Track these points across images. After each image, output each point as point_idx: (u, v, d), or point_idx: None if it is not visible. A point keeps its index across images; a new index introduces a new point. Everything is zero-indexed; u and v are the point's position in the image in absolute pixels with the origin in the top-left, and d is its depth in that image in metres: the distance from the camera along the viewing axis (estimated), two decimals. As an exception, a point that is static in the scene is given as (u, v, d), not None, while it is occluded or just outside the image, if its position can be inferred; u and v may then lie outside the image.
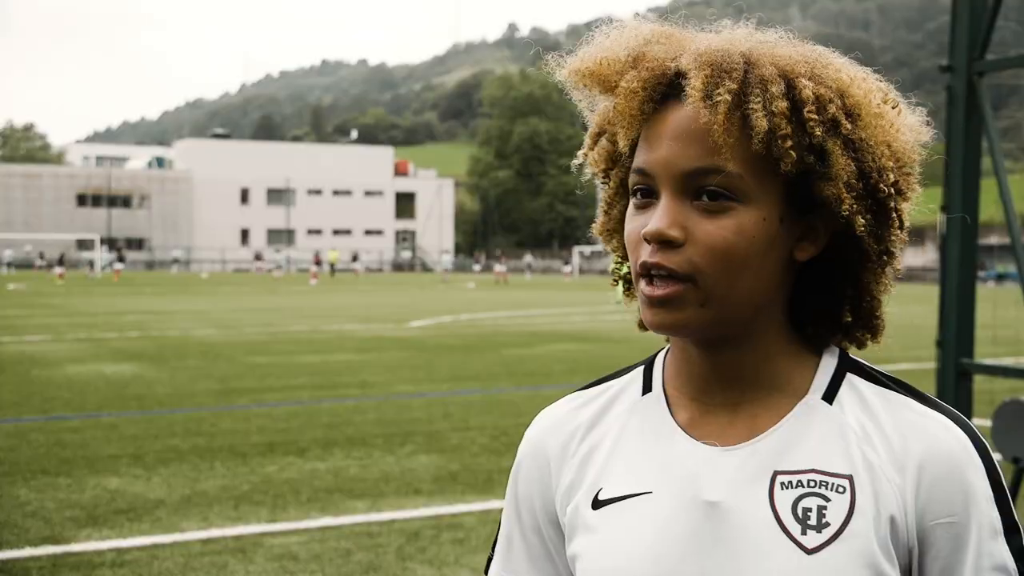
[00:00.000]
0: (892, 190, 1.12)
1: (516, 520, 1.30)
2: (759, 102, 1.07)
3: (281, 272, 65.70)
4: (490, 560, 1.34)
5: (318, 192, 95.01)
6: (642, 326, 1.22)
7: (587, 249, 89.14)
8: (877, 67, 1.17)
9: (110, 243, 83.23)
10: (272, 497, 7.26)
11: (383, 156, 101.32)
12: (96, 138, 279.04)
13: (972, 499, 1.10)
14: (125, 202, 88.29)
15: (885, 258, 1.16)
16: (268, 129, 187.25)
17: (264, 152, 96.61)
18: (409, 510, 6.95)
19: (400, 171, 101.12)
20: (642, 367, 1.28)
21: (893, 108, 1.14)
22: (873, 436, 1.13)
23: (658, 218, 1.09)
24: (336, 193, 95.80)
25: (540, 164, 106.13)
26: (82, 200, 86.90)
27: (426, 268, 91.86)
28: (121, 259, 59.08)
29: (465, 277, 59.10)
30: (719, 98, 1.06)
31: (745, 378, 1.17)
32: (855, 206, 1.10)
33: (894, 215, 1.14)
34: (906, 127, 1.14)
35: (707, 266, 1.09)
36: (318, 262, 60.13)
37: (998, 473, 1.12)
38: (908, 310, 32.93)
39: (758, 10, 1.21)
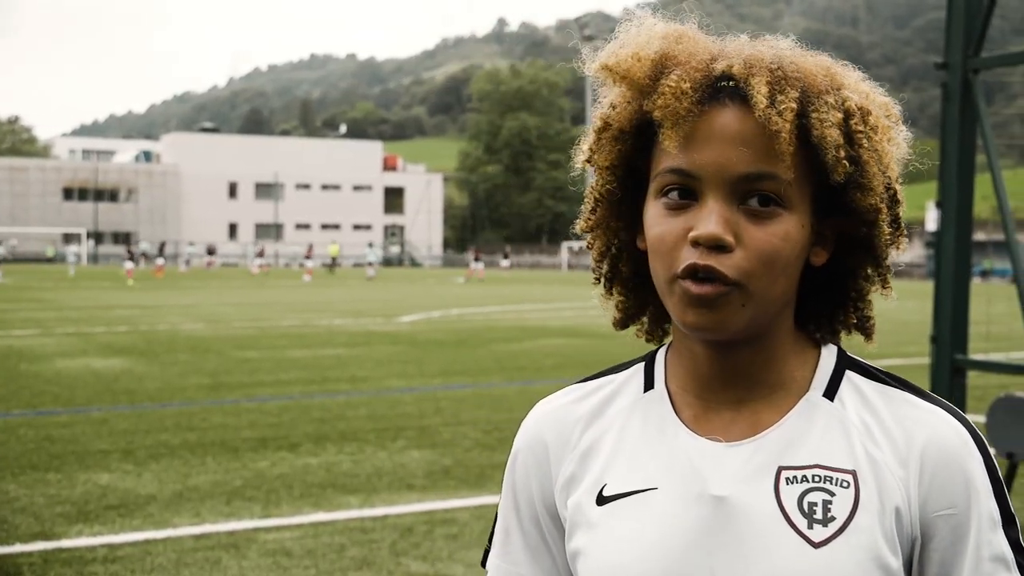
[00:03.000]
0: (901, 200, 1.18)
1: (514, 511, 1.30)
2: (824, 112, 1.09)
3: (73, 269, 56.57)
4: (486, 553, 1.34)
5: (306, 187, 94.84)
6: (618, 325, 1.26)
7: (576, 245, 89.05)
8: (865, 63, 1.20)
9: (108, 237, 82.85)
10: (265, 492, 7.24)
11: (372, 150, 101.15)
12: (83, 131, 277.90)
13: (972, 491, 1.12)
14: (112, 196, 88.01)
15: (888, 263, 1.20)
16: (256, 123, 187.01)
17: (252, 146, 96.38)
18: (402, 505, 6.95)
19: (389, 166, 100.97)
20: (642, 364, 1.28)
21: (895, 122, 1.18)
22: (875, 431, 1.15)
23: (711, 222, 1.09)
24: (325, 187, 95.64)
25: (529, 159, 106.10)
26: (68, 194, 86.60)
27: (415, 263, 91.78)
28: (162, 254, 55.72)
29: (433, 272, 59.00)
30: (784, 105, 1.08)
31: (751, 376, 1.18)
32: (886, 216, 1.15)
33: (902, 224, 1.19)
34: (903, 140, 1.18)
35: (756, 271, 1.10)
36: (309, 256, 57.24)
37: (995, 466, 1.15)
38: (898, 305, 33.03)
39: (748, 5, 1.21)
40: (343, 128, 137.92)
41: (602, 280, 1.28)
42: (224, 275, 57.50)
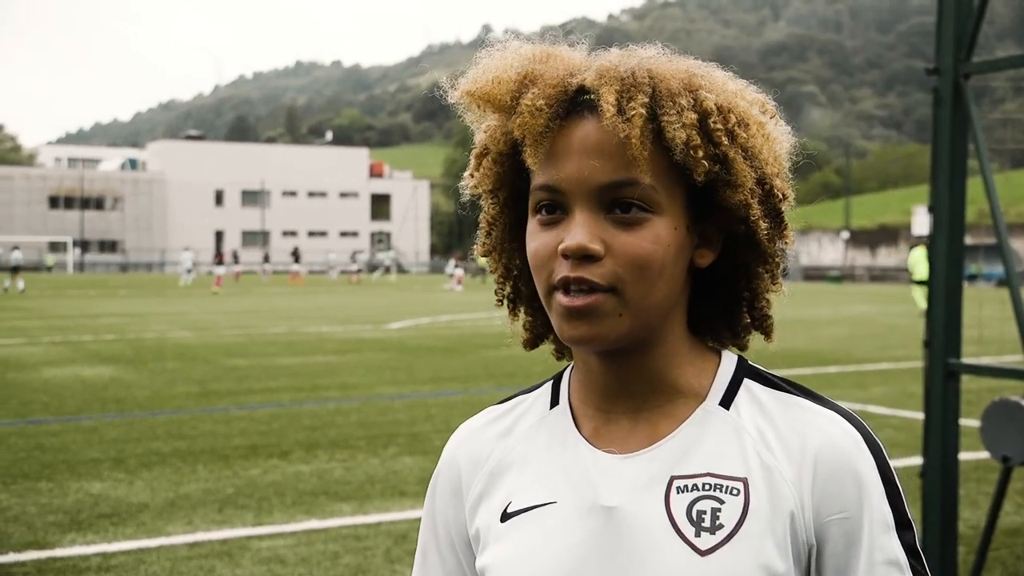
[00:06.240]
0: (781, 195, 1.17)
1: (432, 533, 1.32)
2: (674, 114, 1.10)
3: (190, 277, 54.17)
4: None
5: (293, 194, 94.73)
6: (528, 345, 1.30)
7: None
8: (850, 68, 1.19)
9: (94, 245, 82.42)
10: (257, 500, 7.22)
11: (358, 157, 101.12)
12: (68, 140, 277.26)
13: (864, 494, 1.12)
14: (98, 204, 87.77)
15: (776, 259, 1.20)
16: (242, 130, 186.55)
17: (238, 153, 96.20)
18: (395, 512, 6.94)
19: (375, 172, 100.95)
20: (551, 382, 1.31)
21: (771, 118, 1.18)
22: (769, 438, 1.15)
23: (578, 233, 1.10)
24: (311, 195, 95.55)
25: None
26: (54, 202, 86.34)
27: (402, 270, 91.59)
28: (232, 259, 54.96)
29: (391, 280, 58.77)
30: (633, 112, 1.08)
31: (646, 385, 1.19)
32: (759, 211, 1.14)
33: (784, 218, 1.19)
34: (782, 134, 1.19)
35: (628, 276, 1.10)
36: (459, 264, 54.03)
37: (890, 468, 1.15)
38: (885, 310, 33.20)
39: (732, 11, 1.22)
40: (329, 135, 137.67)
41: (505, 302, 1.30)
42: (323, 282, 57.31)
